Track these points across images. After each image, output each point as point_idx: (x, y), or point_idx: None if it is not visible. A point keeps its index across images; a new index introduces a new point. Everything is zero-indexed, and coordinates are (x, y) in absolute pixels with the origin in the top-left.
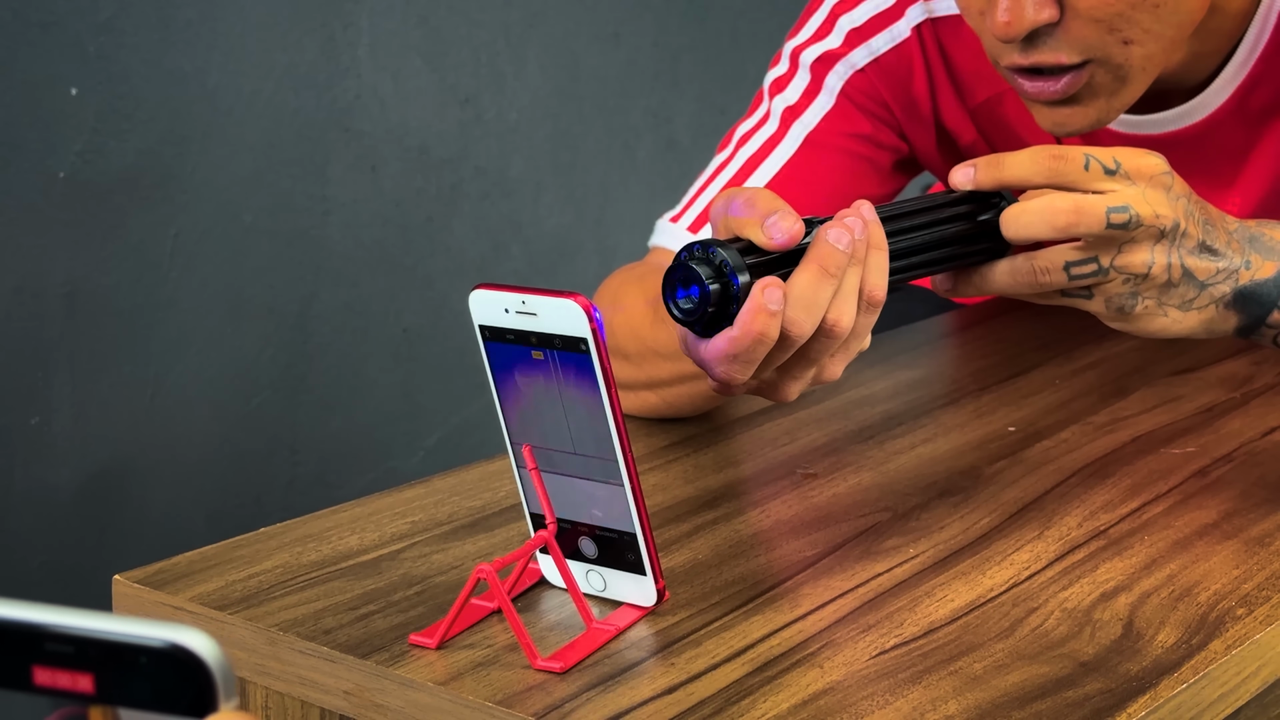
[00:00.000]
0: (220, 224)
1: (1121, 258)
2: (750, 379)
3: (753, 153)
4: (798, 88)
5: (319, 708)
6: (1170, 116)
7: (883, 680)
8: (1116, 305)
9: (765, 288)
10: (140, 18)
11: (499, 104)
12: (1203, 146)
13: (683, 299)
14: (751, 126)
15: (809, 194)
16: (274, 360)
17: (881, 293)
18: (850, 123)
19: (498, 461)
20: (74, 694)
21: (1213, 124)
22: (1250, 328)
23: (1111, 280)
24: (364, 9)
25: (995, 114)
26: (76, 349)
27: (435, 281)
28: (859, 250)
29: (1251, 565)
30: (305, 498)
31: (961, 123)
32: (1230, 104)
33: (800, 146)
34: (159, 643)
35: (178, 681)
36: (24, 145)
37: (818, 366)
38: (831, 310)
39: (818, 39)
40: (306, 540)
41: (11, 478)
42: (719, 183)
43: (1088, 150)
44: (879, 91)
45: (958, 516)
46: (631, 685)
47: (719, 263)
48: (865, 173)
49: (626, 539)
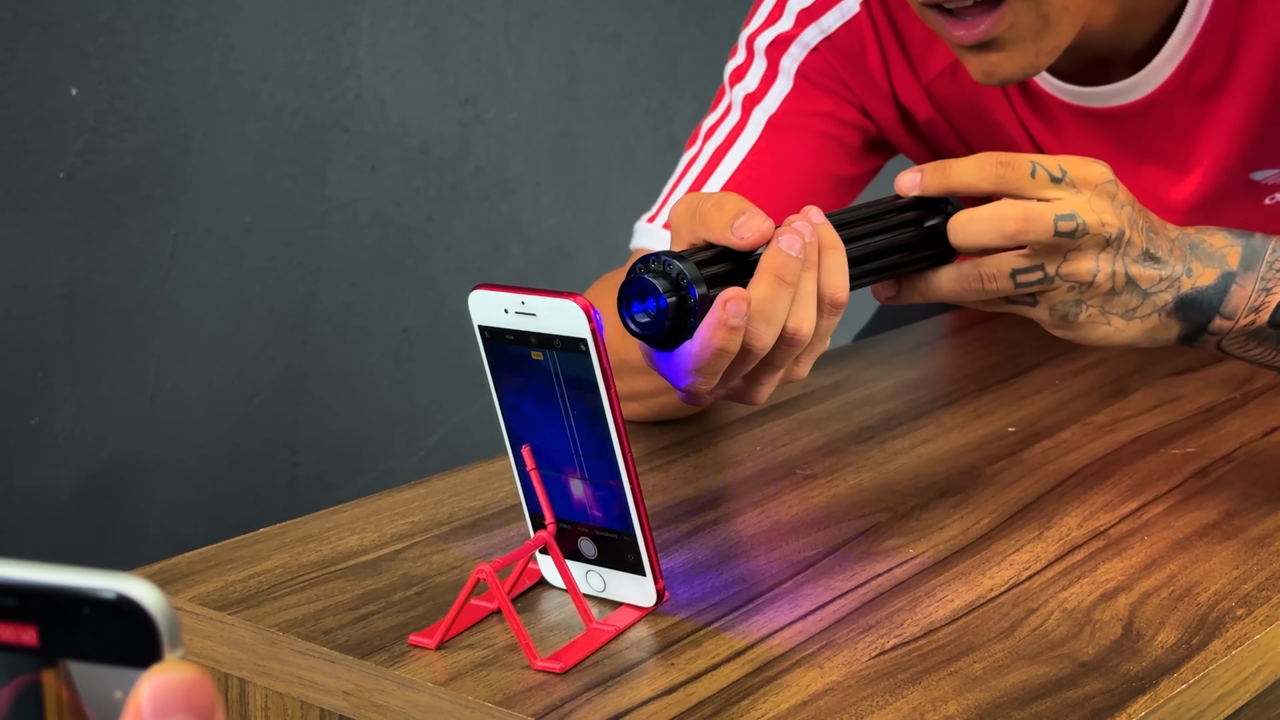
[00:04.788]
0: (220, 224)
1: (1067, 265)
2: (717, 388)
3: (718, 144)
4: (755, 75)
5: (318, 708)
6: (1115, 90)
7: (882, 681)
8: (1060, 313)
9: (727, 301)
10: (140, 18)
11: (499, 104)
12: (1150, 123)
13: (639, 313)
14: (716, 120)
15: (779, 177)
16: (274, 360)
17: (843, 294)
18: (810, 102)
19: (497, 462)
20: (17, 647)
21: (1158, 100)
22: (1193, 335)
23: (1057, 288)
24: (364, 9)
25: (949, 90)
26: (76, 349)
27: (435, 281)
28: (811, 254)
29: (1251, 565)
30: (305, 498)
31: (917, 99)
32: (1174, 80)
33: (763, 131)
34: (104, 593)
35: (122, 632)
36: (24, 145)
37: (784, 370)
38: (791, 319)
39: (770, 24)
40: (306, 540)
41: (11, 478)
42: (689, 179)
43: (1034, 157)
44: (835, 69)
45: (958, 517)
46: (631, 686)
47: (675, 275)
48: (833, 151)
49: (626, 539)
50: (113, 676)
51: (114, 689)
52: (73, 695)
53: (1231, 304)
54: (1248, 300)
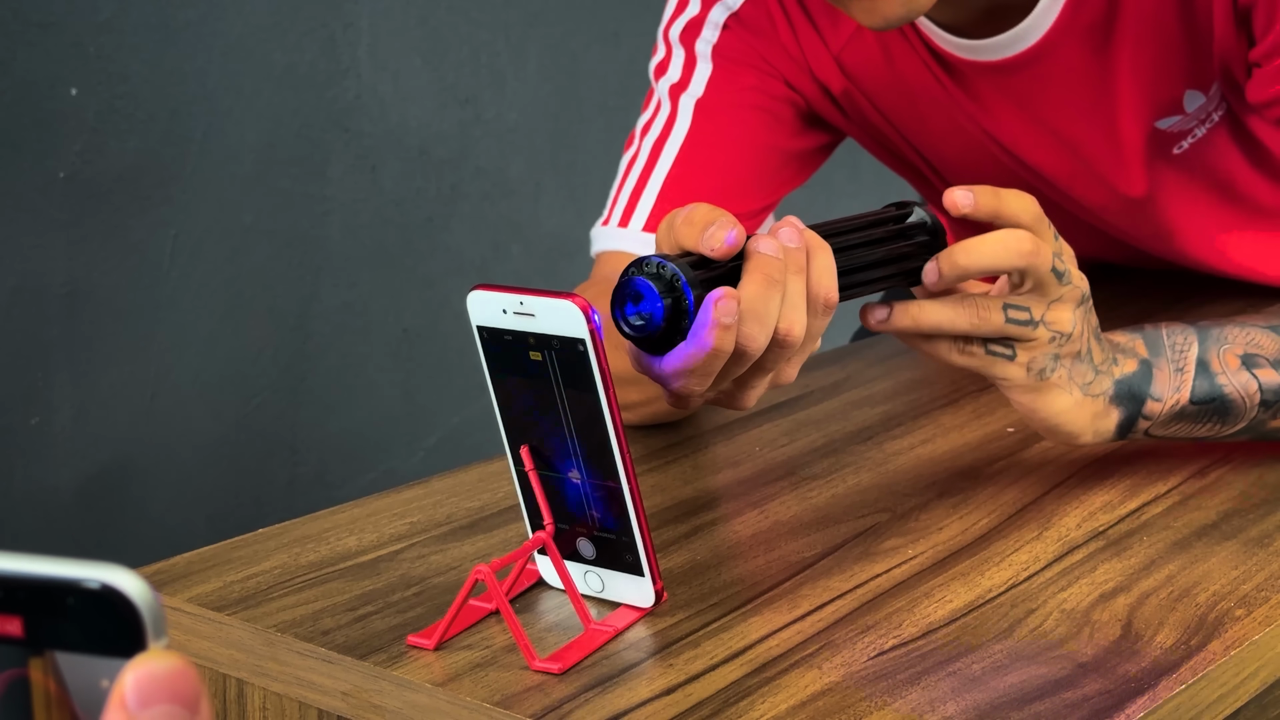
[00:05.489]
0: (220, 224)
1: (1051, 313)
2: (707, 391)
3: (655, 140)
4: (676, 65)
5: (316, 709)
6: (1006, 39)
7: (881, 681)
8: (1039, 367)
9: (718, 300)
10: (140, 18)
11: (499, 104)
12: (1051, 72)
13: (633, 315)
14: (648, 118)
15: (721, 157)
16: (274, 360)
17: (834, 294)
18: (734, 79)
19: (496, 462)
20: (3, 638)
21: (1050, 45)
22: (1128, 424)
23: (1039, 336)
24: (364, 9)
25: (860, 59)
26: (76, 349)
27: (435, 281)
28: (797, 257)
29: (1250, 566)
30: (305, 498)
31: (830, 71)
32: (1062, 21)
33: (694, 117)
34: (88, 582)
35: (107, 622)
36: (24, 145)
37: (774, 373)
38: (782, 320)
39: (679, 12)
40: (305, 541)
41: (11, 478)
42: (632, 179)
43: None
44: (751, 44)
45: (957, 517)
46: (630, 686)
47: (670, 276)
48: (768, 124)
49: (624, 540)
50: (98, 666)
51: (100, 678)
52: (59, 685)
53: (1157, 386)
54: (1169, 381)
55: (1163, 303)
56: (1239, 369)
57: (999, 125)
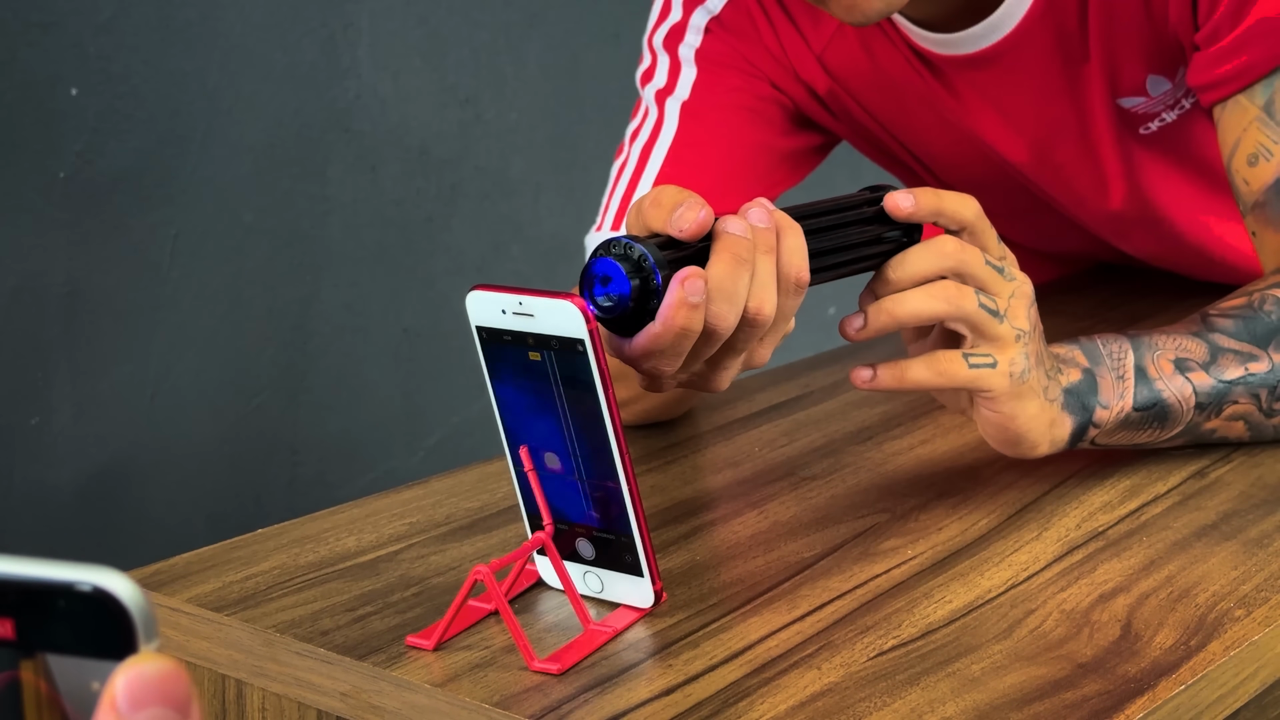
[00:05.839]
0: (220, 224)
1: (1012, 308)
2: (679, 372)
3: (644, 144)
4: (662, 71)
5: (315, 709)
6: (980, 30)
7: (881, 682)
8: (1019, 370)
9: (685, 279)
10: (140, 18)
11: (499, 104)
12: (1023, 62)
13: (601, 296)
14: (637, 124)
15: (711, 156)
16: (274, 360)
17: (804, 274)
18: (718, 81)
19: (496, 463)
20: None
21: (1023, 35)
22: (1080, 432)
23: (1005, 335)
24: (364, 9)
25: (843, 58)
26: (76, 349)
27: (435, 281)
28: (766, 237)
29: (1250, 566)
30: (305, 498)
31: (814, 72)
32: (1035, 11)
33: (681, 120)
34: (80, 585)
35: (98, 625)
36: (24, 145)
37: (746, 354)
38: (752, 299)
39: (663, 19)
40: (304, 541)
41: (11, 478)
42: (622, 184)
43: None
44: (734, 47)
45: (956, 518)
46: (629, 687)
47: (638, 257)
48: (755, 123)
49: (624, 540)
50: (89, 669)
51: (91, 680)
52: (50, 687)
53: (1104, 395)
54: (1113, 388)
55: (1159, 304)
56: (1174, 374)
57: (977, 121)
